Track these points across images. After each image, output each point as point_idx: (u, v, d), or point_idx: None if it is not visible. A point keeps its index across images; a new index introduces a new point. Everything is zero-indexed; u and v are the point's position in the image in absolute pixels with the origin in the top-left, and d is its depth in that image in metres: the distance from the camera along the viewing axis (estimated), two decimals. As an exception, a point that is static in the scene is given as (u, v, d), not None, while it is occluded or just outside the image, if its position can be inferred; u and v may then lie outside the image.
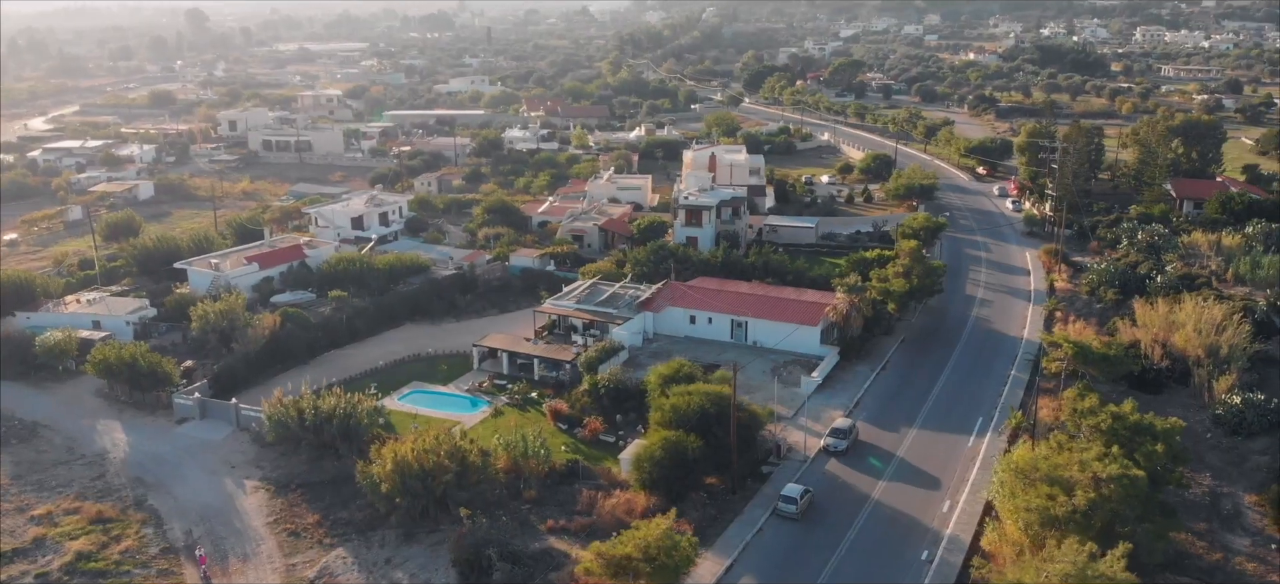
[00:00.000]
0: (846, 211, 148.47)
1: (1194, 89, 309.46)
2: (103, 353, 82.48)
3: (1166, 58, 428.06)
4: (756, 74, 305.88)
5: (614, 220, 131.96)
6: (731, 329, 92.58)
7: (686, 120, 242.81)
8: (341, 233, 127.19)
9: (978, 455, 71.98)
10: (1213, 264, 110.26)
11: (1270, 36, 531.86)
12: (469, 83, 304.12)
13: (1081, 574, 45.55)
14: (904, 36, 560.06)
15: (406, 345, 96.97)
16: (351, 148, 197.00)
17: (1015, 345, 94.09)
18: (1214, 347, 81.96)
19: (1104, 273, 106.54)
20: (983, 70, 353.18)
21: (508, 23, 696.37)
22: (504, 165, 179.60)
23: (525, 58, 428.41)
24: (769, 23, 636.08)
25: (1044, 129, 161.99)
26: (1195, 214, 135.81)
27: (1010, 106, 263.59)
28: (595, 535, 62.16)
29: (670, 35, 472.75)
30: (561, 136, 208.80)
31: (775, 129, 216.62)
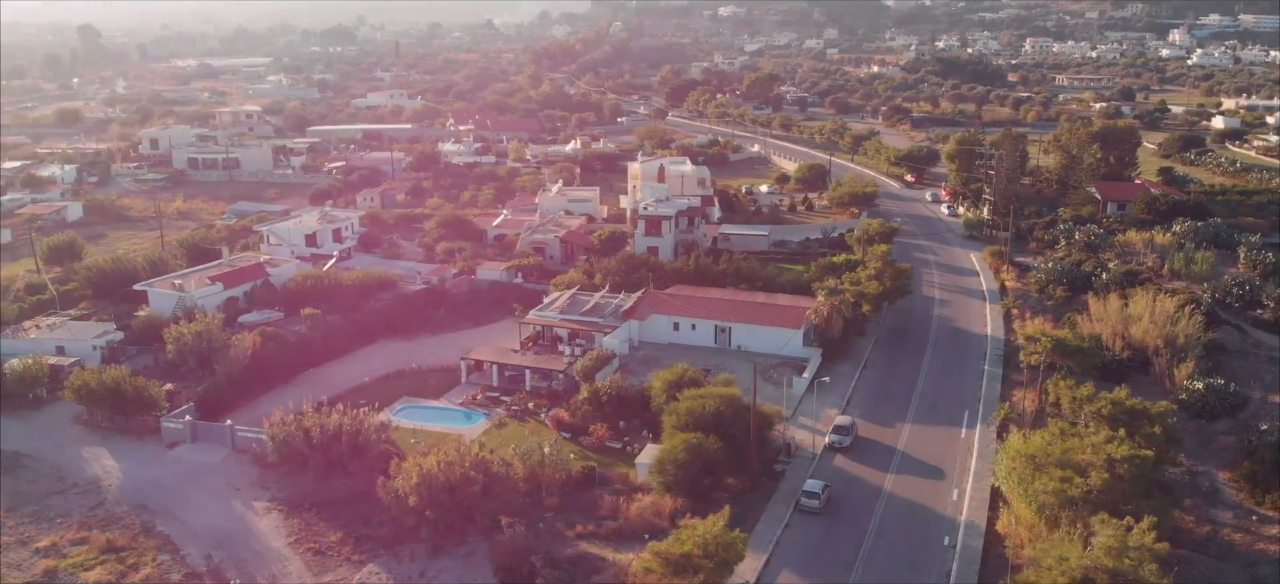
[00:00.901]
0: (792, 219, 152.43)
1: (1090, 97, 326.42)
2: (83, 378, 79.60)
3: (1058, 68, 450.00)
4: (678, 88, 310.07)
5: (574, 232, 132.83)
6: (715, 335, 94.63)
7: (614, 133, 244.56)
8: (296, 250, 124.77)
9: (973, 446, 75.55)
10: (1149, 261, 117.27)
11: (1151, 45, 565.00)
12: (388, 97, 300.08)
13: (1123, 546, 48.76)
14: (806, 50, 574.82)
15: (387, 361, 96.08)
16: (281, 165, 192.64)
17: (982, 342, 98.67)
18: (1172, 337, 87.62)
19: (1051, 271, 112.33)
20: (889, 82, 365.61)
21: (412, 37, 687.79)
22: (444, 179, 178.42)
23: (437, 71, 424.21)
24: (675, 38, 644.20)
25: (972, 137, 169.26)
26: (1119, 215, 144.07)
27: (922, 117, 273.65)
28: (625, 539, 63.58)
29: (582, 50, 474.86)
30: (497, 150, 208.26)
31: (706, 141, 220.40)
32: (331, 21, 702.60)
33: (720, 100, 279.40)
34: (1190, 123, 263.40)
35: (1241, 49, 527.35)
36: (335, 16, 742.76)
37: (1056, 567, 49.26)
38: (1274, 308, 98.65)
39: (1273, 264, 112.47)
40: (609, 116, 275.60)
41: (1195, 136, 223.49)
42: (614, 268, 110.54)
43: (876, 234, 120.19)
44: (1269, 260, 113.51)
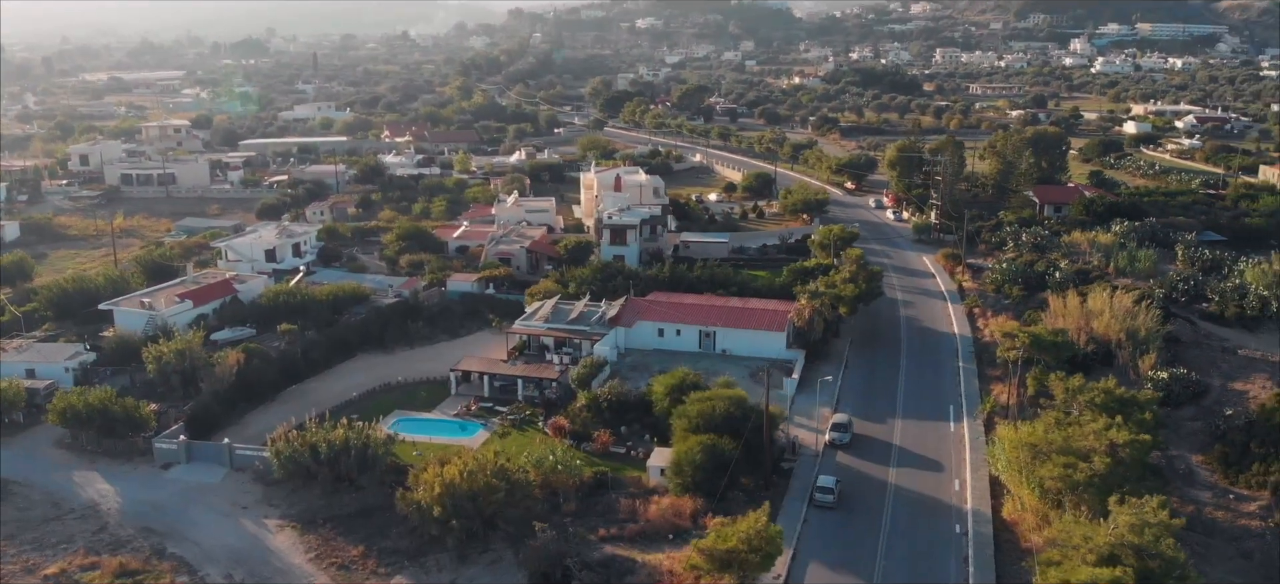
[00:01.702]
0: (746, 227, 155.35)
1: (1004, 105, 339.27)
2: (67, 401, 77.28)
3: (970, 77, 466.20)
4: (611, 99, 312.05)
5: (538, 242, 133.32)
6: (700, 339, 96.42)
7: (553, 144, 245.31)
8: (256, 266, 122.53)
9: (964, 439, 78.79)
10: (1095, 260, 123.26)
11: (1055, 55, 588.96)
12: (316, 109, 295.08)
13: (1142, 522, 51.96)
14: (725, 62, 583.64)
15: (370, 376, 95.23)
16: (218, 179, 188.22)
17: (951, 340, 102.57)
18: (1133, 330, 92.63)
19: (1006, 271, 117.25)
20: (812, 93, 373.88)
21: (325, 47, 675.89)
22: (392, 192, 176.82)
23: (359, 83, 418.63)
24: (596, 50, 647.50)
25: (912, 145, 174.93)
26: (1057, 217, 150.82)
27: (850, 126, 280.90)
28: (649, 540, 64.76)
29: (506, 61, 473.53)
30: (441, 162, 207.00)
31: (647, 151, 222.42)
32: (240, 33, 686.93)
33: (656, 111, 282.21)
34: (1104, 128, 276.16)
35: (1140, 56, 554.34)
36: (244, 28, 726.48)
37: (1083, 545, 52.13)
38: (1218, 301, 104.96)
39: (1210, 260, 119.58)
40: (546, 127, 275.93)
41: (1113, 141, 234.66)
42: (589, 276, 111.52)
43: (838, 239, 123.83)
44: (1206, 257, 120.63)
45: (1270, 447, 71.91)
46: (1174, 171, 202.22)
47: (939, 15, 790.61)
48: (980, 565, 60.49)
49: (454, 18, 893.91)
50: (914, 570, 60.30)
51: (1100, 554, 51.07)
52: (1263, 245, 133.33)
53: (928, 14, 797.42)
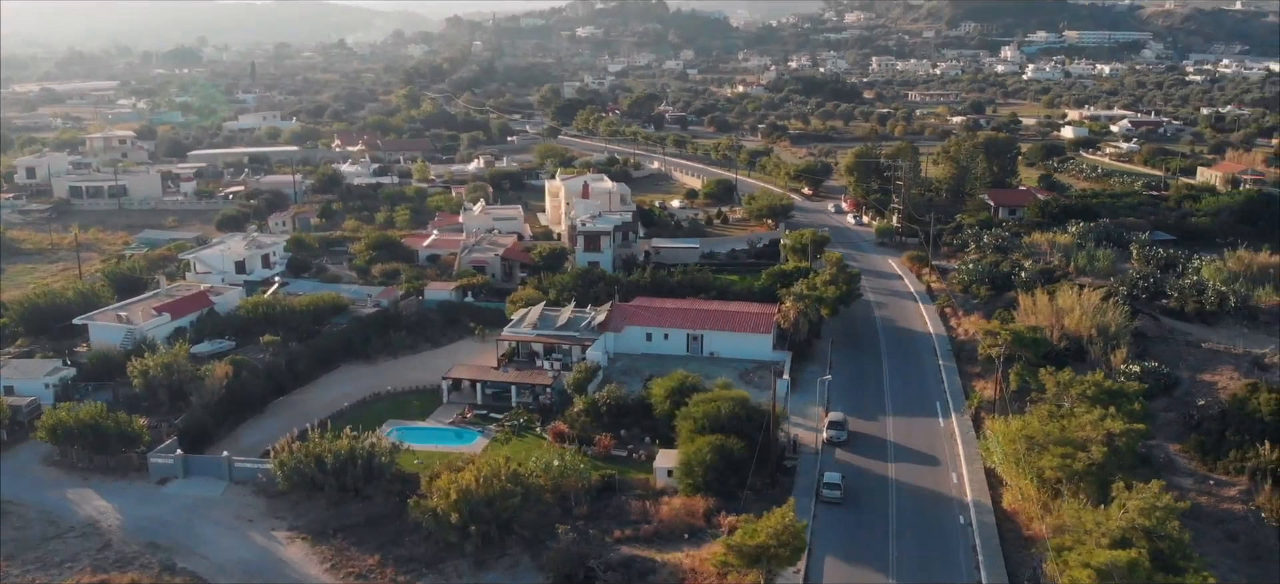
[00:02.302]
0: (711, 233, 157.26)
1: (944, 111, 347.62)
2: (56, 417, 75.57)
3: (907, 84, 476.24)
4: (563, 107, 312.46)
5: (512, 249, 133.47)
6: (687, 343, 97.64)
7: (507, 152, 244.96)
8: (226, 277, 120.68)
9: (954, 433, 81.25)
10: (1056, 260, 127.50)
11: (987, 62, 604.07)
12: (262, 119, 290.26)
13: (1151, 506, 54.49)
14: (667, 70, 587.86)
15: (358, 386, 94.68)
16: (170, 190, 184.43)
17: (928, 339, 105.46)
18: (1104, 326, 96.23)
19: (973, 272, 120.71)
20: (757, 101, 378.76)
21: (259, 56, 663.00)
22: (353, 201, 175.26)
23: (299, 91, 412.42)
24: (537, 58, 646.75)
25: (869, 151, 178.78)
26: (1011, 219, 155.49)
27: (798, 133, 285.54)
28: (665, 540, 65.72)
29: (449, 69, 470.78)
30: (398, 171, 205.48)
31: (604, 159, 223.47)
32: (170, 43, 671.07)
33: (610, 119, 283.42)
34: (1043, 133, 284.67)
35: (1069, 63, 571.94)
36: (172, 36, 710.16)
37: (1096, 530, 54.46)
38: (1178, 298, 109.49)
39: (1165, 258, 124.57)
40: (498, 135, 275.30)
41: (1055, 146, 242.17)
42: (570, 283, 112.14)
43: (810, 243, 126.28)
44: (1160, 255, 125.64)
45: (1245, 434, 75.37)
46: (1115, 174, 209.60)
47: (873, 24, 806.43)
48: (988, 554, 62.63)
49: (392, 26, 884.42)
50: (926, 561, 62.20)
51: (1114, 537, 53.41)
52: (1209, 243, 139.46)
53: (862, 23, 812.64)
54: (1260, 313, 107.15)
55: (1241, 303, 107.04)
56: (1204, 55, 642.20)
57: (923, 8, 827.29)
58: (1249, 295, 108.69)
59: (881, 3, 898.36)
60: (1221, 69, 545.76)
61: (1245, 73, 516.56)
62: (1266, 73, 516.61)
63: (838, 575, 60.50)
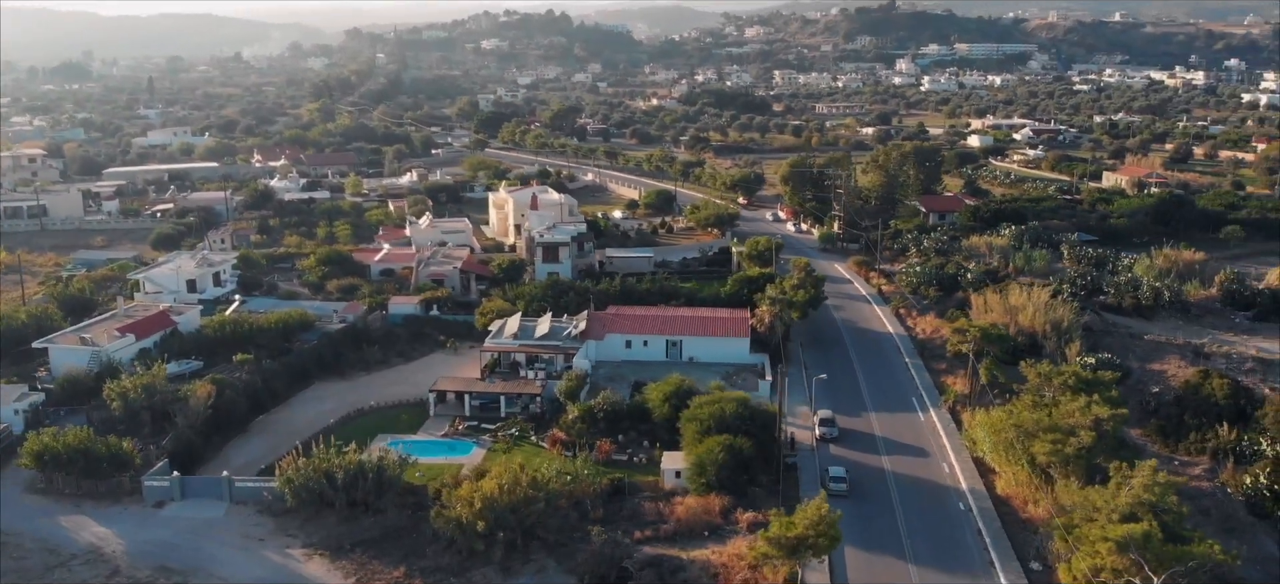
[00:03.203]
0: (659, 242, 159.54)
1: (853, 123, 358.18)
2: (42, 443, 73.02)
3: (813, 97, 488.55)
4: (487, 119, 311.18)
5: (469, 262, 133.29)
6: (666, 348, 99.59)
7: (433, 165, 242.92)
8: (178, 296, 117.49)
9: (937, 426, 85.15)
10: (995, 261, 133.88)
11: (883, 74, 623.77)
12: (172, 135, 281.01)
13: (1153, 482, 58.79)
14: (576, 83, 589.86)
15: (338, 402, 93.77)
16: (91, 210, 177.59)
17: (890, 338, 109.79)
18: (1057, 322, 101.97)
19: (921, 275, 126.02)
20: (672, 113, 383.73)
21: (149, 71, 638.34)
22: (290, 217, 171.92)
23: (201, 106, 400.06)
24: (443, 70, 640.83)
25: (803, 161, 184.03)
26: (942, 224, 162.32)
27: (720, 145, 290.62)
28: (687, 538, 67.37)
29: (357, 82, 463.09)
30: (329, 185, 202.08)
31: (536, 171, 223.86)
32: (54, 56, 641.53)
33: (538, 131, 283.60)
34: (951, 142, 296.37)
35: (962, 75, 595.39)
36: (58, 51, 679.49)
37: (1105, 507, 58.41)
38: (1115, 294, 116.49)
39: (1095, 257, 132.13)
40: (422, 148, 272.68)
41: (969, 154, 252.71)
42: (540, 293, 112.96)
43: (763, 250, 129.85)
44: (1091, 255, 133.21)
45: (1202, 417, 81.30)
46: (1028, 180, 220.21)
47: (772, 38, 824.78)
48: (993, 536, 66.23)
49: (289, 38, 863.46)
50: (937, 546, 65.40)
51: (1123, 513, 57.41)
52: (1128, 243, 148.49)
53: (761, 38, 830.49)
54: (1191, 306, 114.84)
55: (1175, 297, 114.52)
56: (1087, 65, 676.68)
57: (819, 22, 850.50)
58: (1180, 290, 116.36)
59: (779, 18, 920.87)
60: (1106, 78, 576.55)
61: (1128, 81, 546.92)
62: (1148, 81, 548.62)
63: (860, 563, 63.13)
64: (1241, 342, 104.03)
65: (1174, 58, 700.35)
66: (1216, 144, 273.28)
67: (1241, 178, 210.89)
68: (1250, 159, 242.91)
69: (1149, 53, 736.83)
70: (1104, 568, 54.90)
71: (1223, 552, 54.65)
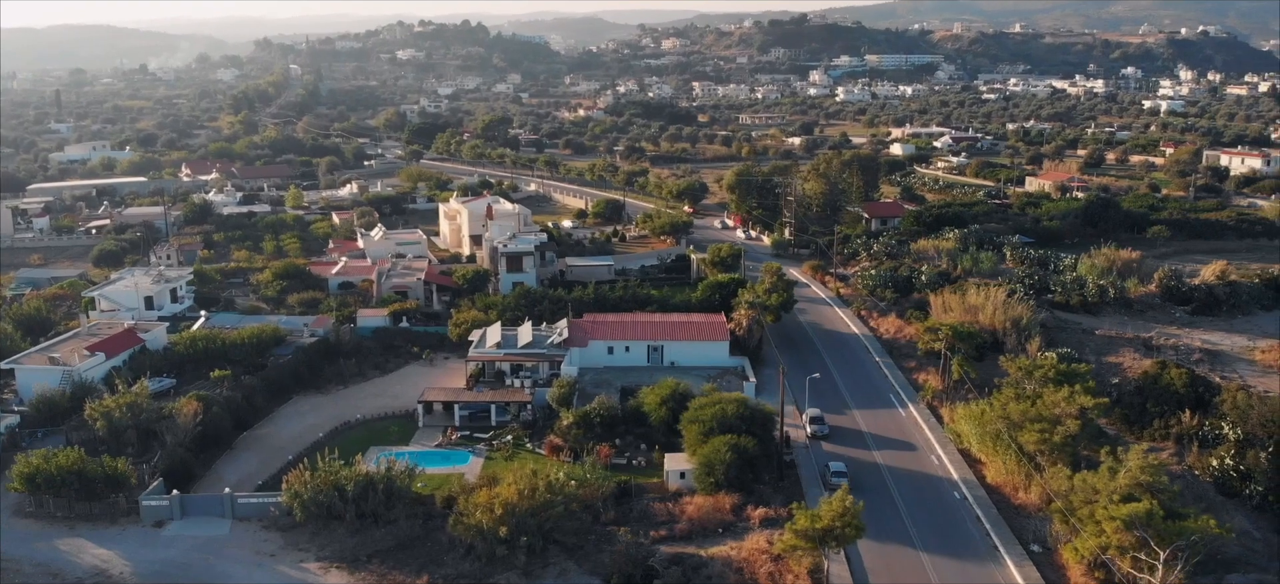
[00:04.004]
0: (615, 250, 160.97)
1: (777, 133, 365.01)
2: (34, 465, 70.90)
3: (735, 107, 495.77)
4: (419, 130, 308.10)
5: (431, 273, 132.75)
6: (648, 353, 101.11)
7: (367, 176, 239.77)
8: (136, 314, 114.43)
9: (918, 421, 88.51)
10: (943, 264, 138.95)
11: (797, 86, 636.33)
12: (92, 150, 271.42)
13: (1147, 464, 62.71)
14: (497, 94, 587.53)
15: (322, 415, 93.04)
16: (21, 227, 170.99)
17: (856, 339, 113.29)
18: (1017, 319, 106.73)
19: (877, 277, 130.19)
20: (601, 123, 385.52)
21: (52, 83, 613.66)
22: (234, 230, 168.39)
23: (113, 120, 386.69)
24: (359, 81, 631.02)
25: (748, 170, 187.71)
26: (885, 229, 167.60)
27: (655, 155, 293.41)
28: (702, 536, 69.02)
29: (275, 93, 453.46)
30: (267, 198, 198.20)
31: (476, 182, 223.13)
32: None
33: (475, 142, 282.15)
34: (875, 151, 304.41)
35: (873, 85, 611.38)
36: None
37: (1105, 489, 62.03)
38: (1062, 292, 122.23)
39: (1037, 258, 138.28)
40: (353, 160, 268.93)
41: (897, 162, 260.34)
42: (513, 303, 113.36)
43: (726, 256, 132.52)
44: (1032, 256, 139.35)
45: (1163, 405, 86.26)
46: (956, 186, 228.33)
47: (689, 50, 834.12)
48: (992, 522, 69.50)
49: (196, 49, 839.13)
50: (941, 533, 68.37)
51: (1123, 494, 61.09)
52: (1061, 243, 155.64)
53: (678, 50, 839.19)
54: (1134, 302, 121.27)
55: (1119, 294, 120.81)
56: (992, 75, 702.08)
57: (734, 35, 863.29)
58: (1123, 287, 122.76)
59: (695, 30, 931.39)
60: (1011, 87, 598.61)
61: (1033, 90, 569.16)
62: (1051, 89, 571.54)
63: (873, 554, 65.57)
64: (1185, 334, 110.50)
65: (1073, 66, 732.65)
66: (1127, 149, 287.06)
67: (1157, 180, 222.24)
68: (1160, 163, 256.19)
69: (1049, 62, 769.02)
70: (1110, 545, 58.48)
71: (1218, 526, 58.57)
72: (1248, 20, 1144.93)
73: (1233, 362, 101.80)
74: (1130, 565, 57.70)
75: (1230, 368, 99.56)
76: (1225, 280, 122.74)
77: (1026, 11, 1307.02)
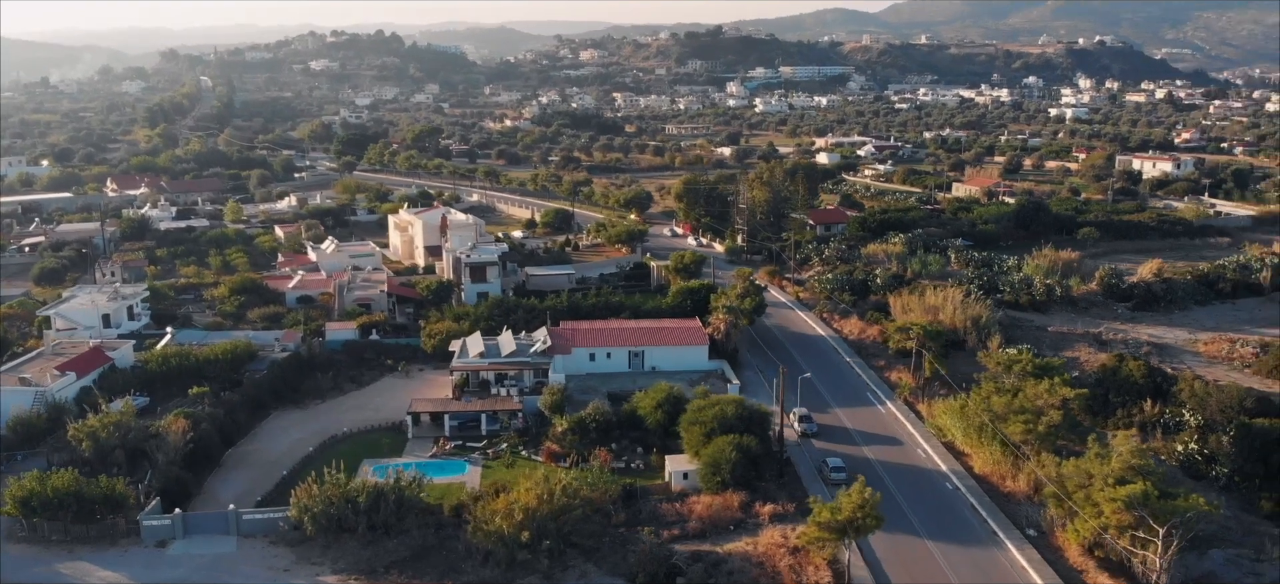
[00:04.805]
0: (572, 259, 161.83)
1: (705, 143, 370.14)
2: (29, 489, 68.78)
3: (661, 118, 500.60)
4: (351, 141, 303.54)
5: (392, 285, 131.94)
6: (629, 359, 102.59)
7: (300, 189, 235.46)
8: (94, 333, 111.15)
9: (898, 417, 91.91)
10: (893, 267, 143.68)
11: (716, 97, 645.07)
12: (7, 165, 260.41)
13: (1135, 448, 66.80)
14: (415, 105, 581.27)
15: (307, 430, 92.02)
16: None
17: (823, 340, 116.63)
18: (976, 318, 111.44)
19: (833, 281, 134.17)
20: (530, 134, 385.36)
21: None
22: (177, 246, 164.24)
23: (21, 134, 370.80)
24: (273, 92, 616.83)
25: (696, 179, 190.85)
26: (830, 234, 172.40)
27: (591, 165, 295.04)
28: (715, 533, 70.74)
29: (189, 105, 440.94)
30: (204, 213, 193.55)
31: (415, 192, 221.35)
32: None
33: (409, 153, 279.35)
34: (803, 159, 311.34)
35: (789, 96, 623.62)
36: None
37: (1100, 473, 65.81)
38: (1010, 292, 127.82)
39: (981, 259, 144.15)
40: (283, 172, 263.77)
41: (826, 170, 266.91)
42: (486, 312, 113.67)
43: (690, 263, 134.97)
44: (976, 258, 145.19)
45: (1125, 395, 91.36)
46: (888, 193, 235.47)
47: (607, 62, 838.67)
48: (987, 510, 72.91)
49: (95, 62, 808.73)
50: (941, 521, 71.46)
51: (1117, 477, 64.95)
52: (996, 245, 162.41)
53: (597, 61, 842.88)
54: (1078, 300, 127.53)
55: (1065, 293, 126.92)
56: (902, 85, 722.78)
57: (651, 47, 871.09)
58: (1068, 286, 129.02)
59: (612, 41, 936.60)
60: (922, 97, 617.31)
61: (942, 100, 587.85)
62: (959, 99, 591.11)
63: (883, 544, 68.16)
64: (1131, 329, 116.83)
65: (978, 76, 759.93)
66: (1042, 155, 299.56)
67: (1076, 185, 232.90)
68: (1075, 168, 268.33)
69: (955, 72, 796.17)
70: (1110, 525, 62.23)
71: (1207, 504, 62.83)
72: (1139, 29, 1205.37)
73: (1178, 353, 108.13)
74: (1129, 543, 61.48)
75: (1177, 359, 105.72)
76: (1161, 278, 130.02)
77: (927, 24, 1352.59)
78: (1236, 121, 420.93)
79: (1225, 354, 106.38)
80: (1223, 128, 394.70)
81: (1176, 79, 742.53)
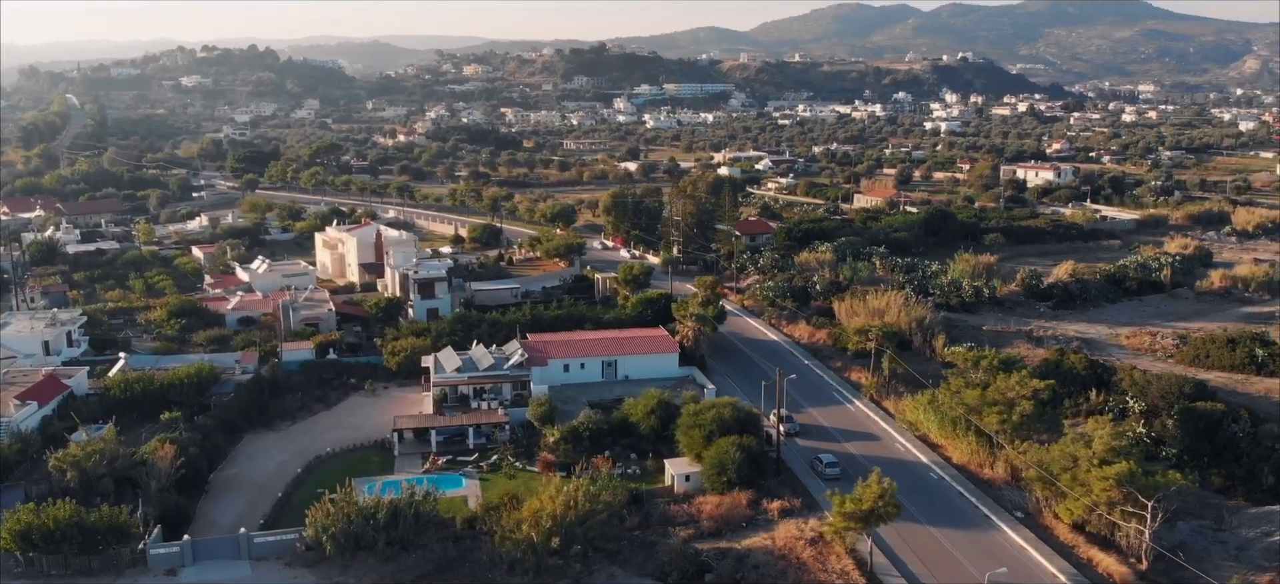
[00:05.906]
0: (512, 273, 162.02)
1: (605, 157, 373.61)
2: (27, 522, 66.11)
3: (558, 134, 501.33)
4: (250, 159, 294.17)
5: (338, 304, 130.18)
6: (602, 369, 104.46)
7: (202, 208, 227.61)
8: (34, 360, 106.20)
9: (868, 414, 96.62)
10: (826, 274, 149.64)
11: (604, 113, 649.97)
12: None
13: (1115, 433, 72.83)
14: (296, 121, 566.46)
15: (287, 452, 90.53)
16: None
17: (777, 345, 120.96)
18: (920, 319, 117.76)
19: (774, 289, 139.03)
20: (426, 149, 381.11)
21: None
22: (94, 269, 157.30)
23: None
24: (144, 110, 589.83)
25: (623, 193, 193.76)
26: (753, 243, 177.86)
27: (499, 180, 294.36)
28: (730, 531, 73.43)
29: (61, 123, 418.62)
30: (111, 235, 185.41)
31: (327, 210, 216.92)
32: None
33: (315, 169, 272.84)
34: (705, 173, 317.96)
35: (676, 113, 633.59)
36: None
37: (1084, 457, 71.48)
38: (942, 294, 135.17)
39: (905, 264, 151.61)
40: (180, 192, 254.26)
41: (736, 183, 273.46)
42: (448, 328, 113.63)
43: (638, 274, 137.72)
44: (899, 263, 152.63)
45: (1070, 386, 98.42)
46: (795, 205, 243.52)
47: (493, 76, 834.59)
48: (975, 496, 77.98)
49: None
50: (936, 509, 76.03)
51: (1101, 458, 70.72)
52: (908, 251, 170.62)
53: (481, 76, 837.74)
54: (1002, 301, 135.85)
55: (991, 294, 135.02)
56: (780, 102, 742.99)
57: (536, 62, 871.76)
58: (993, 288, 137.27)
59: (495, 56, 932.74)
60: (800, 113, 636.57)
61: (820, 115, 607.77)
62: (837, 114, 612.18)
63: (888, 530, 71.89)
64: (1056, 326, 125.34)
65: (850, 93, 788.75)
66: (930, 166, 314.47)
67: (968, 194, 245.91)
68: (962, 178, 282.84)
69: (829, 89, 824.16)
70: (1100, 503, 67.81)
71: (1184, 477, 69.14)
72: (994, 46, 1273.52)
73: (1105, 347, 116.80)
74: (1120, 517, 67.15)
75: (1105, 353, 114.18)
76: (1076, 279, 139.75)
77: (796, 42, 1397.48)
78: (1098, 131, 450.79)
79: (1147, 347, 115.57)
80: (1087, 138, 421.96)
81: (1035, 92, 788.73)
